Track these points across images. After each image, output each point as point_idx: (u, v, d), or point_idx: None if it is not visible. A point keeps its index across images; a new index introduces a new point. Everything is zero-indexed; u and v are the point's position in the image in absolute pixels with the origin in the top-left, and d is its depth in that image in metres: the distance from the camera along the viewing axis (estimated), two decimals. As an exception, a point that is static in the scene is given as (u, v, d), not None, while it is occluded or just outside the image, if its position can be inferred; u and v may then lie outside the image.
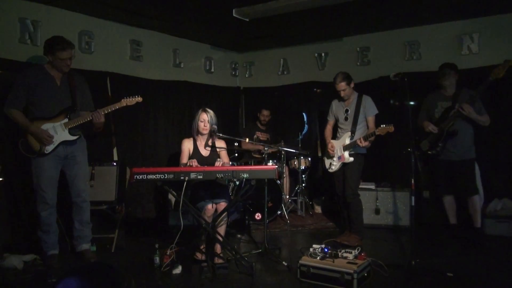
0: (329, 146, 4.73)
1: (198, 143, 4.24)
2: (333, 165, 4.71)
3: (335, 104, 4.84)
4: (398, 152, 4.71)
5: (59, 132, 3.84)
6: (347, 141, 4.57)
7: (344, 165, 4.63)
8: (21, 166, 4.15)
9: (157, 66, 5.97)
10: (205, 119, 4.15)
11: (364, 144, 4.36)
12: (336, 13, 5.15)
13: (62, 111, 3.88)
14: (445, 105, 4.56)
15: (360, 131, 4.57)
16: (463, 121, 4.45)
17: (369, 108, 4.58)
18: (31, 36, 4.55)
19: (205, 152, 4.24)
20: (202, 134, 4.22)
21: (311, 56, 6.67)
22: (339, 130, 4.80)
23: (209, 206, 3.91)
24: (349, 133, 4.58)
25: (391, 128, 4.19)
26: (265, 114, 6.35)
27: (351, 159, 4.54)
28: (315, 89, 6.57)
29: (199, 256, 3.93)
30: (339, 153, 4.63)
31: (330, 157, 4.74)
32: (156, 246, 3.89)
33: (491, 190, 5.04)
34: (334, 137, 4.84)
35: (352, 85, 4.61)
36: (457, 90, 4.56)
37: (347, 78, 4.55)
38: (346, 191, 4.60)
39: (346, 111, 4.67)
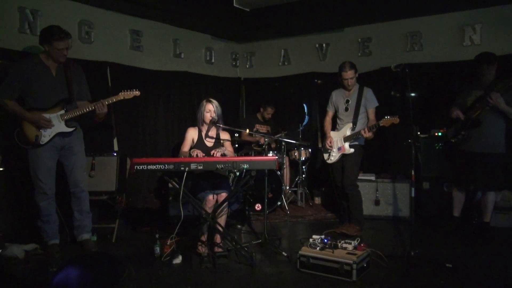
0: (328, 140, 4.71)
1: (203, 133, 4.24)
2: (332, 156, 4.70)
3: (335, 94, 4.80)
4: (398, 143, 4.70)
5: (55, 123, 3.81)
6: (348, 132, 4.56)
7: (344, 156, 4.62)
8: (21, 156, 4.12)
9: (157, 56, 5.95)
10: (211, 109, 4.14)
11: (368, 134, 4.34)
12: (337, 3, 5.11)
13: (59, 102, 3.84)
14: (478, 94, 4.33)
15: (360, 122, 4.56)
16: (495, 112, 4.23)
17: (370, 100, 4.56)
18: (31, 25, 4.53)
19: (209, 142, 4.23)
20: (208, 124, 4.22)
21: (312, 47, 6.64)
22: (338, 121, 4.78)
23: (210, 197, 3.90)
24: (350, 124, 4.56)
25: (396, 120, 4.16)
26: (269, 111, 6.27)
27: (352, 150, 4.53)
28: (316, 80, 6.55)
29: (201, 249, 3.90)
30: (339, 144, 4.63)
31: (329, 148, 4.74)
32: (157, 236, 3.89)
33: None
34: (334, 128, 4.82)
35: (357, 75, 4.57)
36: (495, 79, 4.29)
37: (355, 67, 4.53)
38: (345, 182, 4.60)
39: (347, 101, 4.64)
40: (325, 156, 4.81)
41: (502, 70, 4.30)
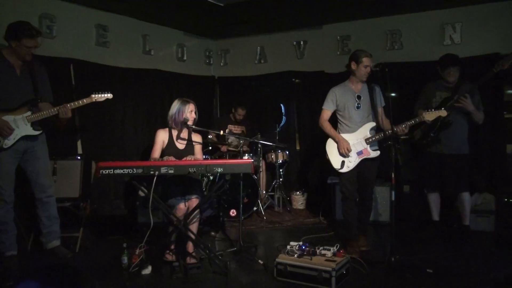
0: (345, 145, 3.99)
1: (175, 135, 4.07)
2: (350, 162, 4.04)
3: (339, 90, 4.10)
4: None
5: (20, 126, 3.70)
6: (370, 133, 4.03)
7: (363, 161, 4.04)
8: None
9: (125, 53, 5.80)
10: (193, 110, 4.02)
11: (405, 131, 3.91)
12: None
13: (24, 104, 3.72)
14: (444, 95, 4.39)
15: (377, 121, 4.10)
16: (459, 114, 4.33)
17: (382, 98, 4.10)
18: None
19: (180, 145, 4.07)
20: (183, 126, 4.05)
21: (290, 44, 6.57)
22: (345, 121, 4.10)
23: (181, 205, 3.79)
24: (373, 124, 4.02)
25: (443, 112, 3.91)
26: (240, 113, 6.10)
27: (378, 153, 4.02)
28: (293, 79, 6.46)
29: (169, 257, 3.82)
30: (359, 148, 4.02)
31: (343, 154, 4.05)
32: (124, 245, 3.78)
33: (472, 184, 4.97)
34: (341, 130, 4.16)
35: None
36: (459, 81, 4.39)
37: None
38: (368, 189, 4.14)
39: (358, 97, 4.04)
40: (335, 164, 4.08)
41: (482, 69, 4.31)
